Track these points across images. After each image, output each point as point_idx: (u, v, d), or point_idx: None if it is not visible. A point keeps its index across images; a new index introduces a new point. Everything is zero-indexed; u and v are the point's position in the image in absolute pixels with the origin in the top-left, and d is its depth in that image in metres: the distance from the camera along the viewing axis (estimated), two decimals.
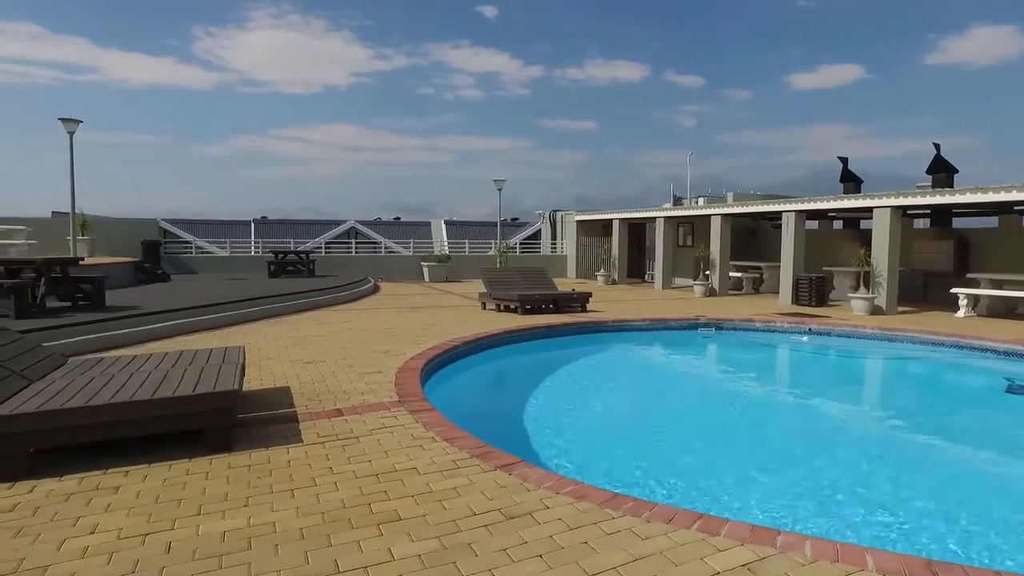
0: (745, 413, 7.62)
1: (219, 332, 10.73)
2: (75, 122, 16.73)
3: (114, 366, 5.33)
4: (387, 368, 7.41)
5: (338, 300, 16.44)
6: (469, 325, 11.56)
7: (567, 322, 11.58)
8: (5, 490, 3.85)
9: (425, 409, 5.47)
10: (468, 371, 8.76)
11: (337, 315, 13.49)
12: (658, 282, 23.11)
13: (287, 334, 10.47)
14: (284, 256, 22.02)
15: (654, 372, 10.39)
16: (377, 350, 8.73)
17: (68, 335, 8.78)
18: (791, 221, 18.09)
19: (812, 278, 17.33)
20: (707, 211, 21.44)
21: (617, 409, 7.79)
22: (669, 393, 8.82)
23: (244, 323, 12.10)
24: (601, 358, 10.73)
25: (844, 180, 22.12)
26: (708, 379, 9.92)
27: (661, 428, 6.85)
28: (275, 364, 7.72)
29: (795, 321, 12.49)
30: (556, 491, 3.82)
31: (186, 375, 4.83)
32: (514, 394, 7.78)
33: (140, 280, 17.99)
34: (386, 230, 35.70)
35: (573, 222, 28.55)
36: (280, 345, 9.28)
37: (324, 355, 8.36)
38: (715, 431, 6.77)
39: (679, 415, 7.52)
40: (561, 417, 7.12)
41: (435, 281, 24.90)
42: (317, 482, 3.97)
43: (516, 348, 10.33)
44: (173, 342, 9.51)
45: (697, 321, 12.38)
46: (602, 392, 8.67)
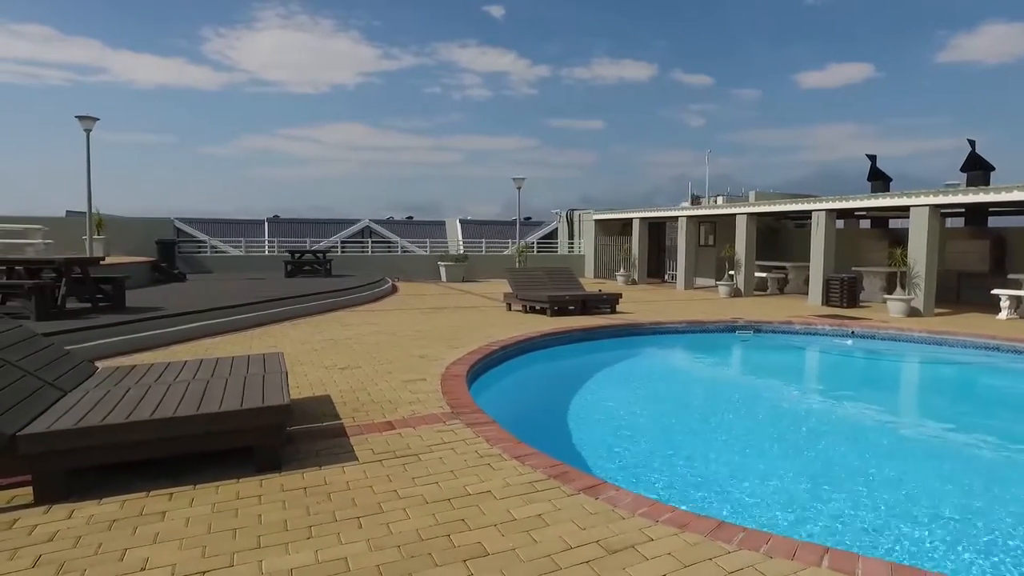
0: (809, 426, 7.15)
1: (243, 334, 10.37)
2: (92, 120, 16.44)
3: (148, 375, 4.95)
4: (429, 374, 7.01)
5: (358, 301, 16.08)
6: (501, 327, 11.16)
7: (603, 324, 11.17)
8: (41, 515, 3.48)
9: (483, 422, 5.07)
10: (512, 376, 8.35)
11: (360, 316, 13.11)
12: (680, 282, 22.65)
13: (314, 337, 10.09)
14: (301, 256, 21.69)
15: (701, 378, 9.92)
16: (413, 354, 8.34)
17: (91, 338, 8.44)
18: (821, 220, 17.60)
19: (843, 278, 16.85)
20: (732, 210, 20.97)
21: (673, 419, 7.32)
22: (722, 402, 8.33)
23: (267, 324, 11.74)
24: (644, 362, 10.30)
25: (872, 178, 21.60)
26: (761, 387, 9.39)
27: (724, 441, 6.41)
28: (309, 370, 7.34)
29: (836, 324, 12.03)
30: (654, 519, 3.41)
31: (229, 386, 4.44)
32: (564, 402, 7.36)
33: (157, 280, 17.68)
34: (400, 229, 35.33)
35: (591, 221, 28.11)
36: (309, 349, 8.91)
37: (358, 360, 7.97)
38: (782, 446, 6.34)
39: (739, 426, 7.06)
40: (619, 428, 6.68)
41: (452, 281, 24.52)
42: (384, 508, 3.56)
43: (555, 352, 9.92)
44: (198, 345, 9.15)
45: (735, 323, 11.94)
46: (654, 400, 8.21)
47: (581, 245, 29.19)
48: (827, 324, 11.94)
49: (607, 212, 27.58)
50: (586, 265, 28.39)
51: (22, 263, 10.14)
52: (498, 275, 26.47)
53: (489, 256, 27.93)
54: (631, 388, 8.65)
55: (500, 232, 35.07)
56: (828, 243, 17.60)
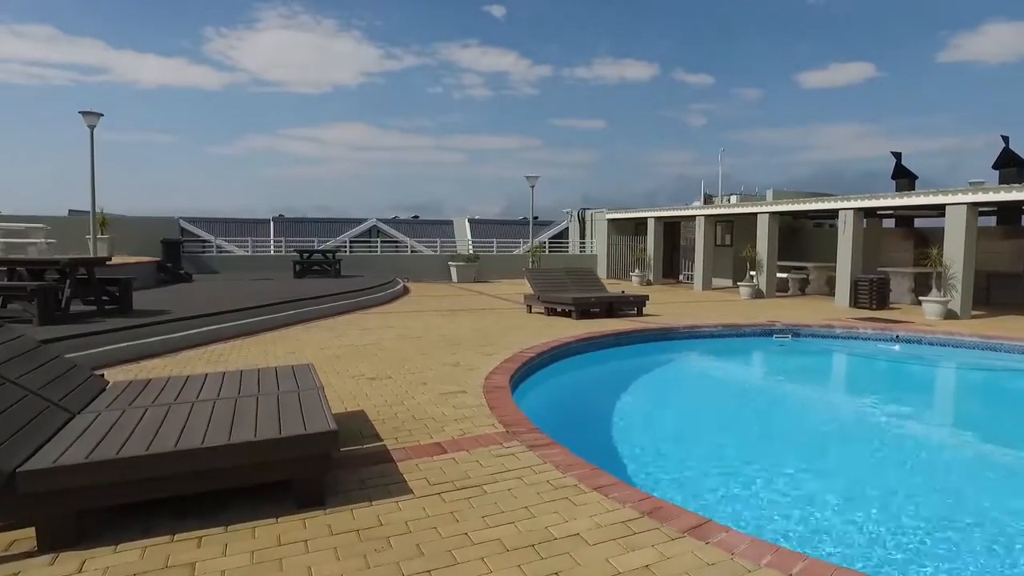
0: (882, 443, 6.53)
1: (257, 339, 9.79)
2: (96, 115, 15.87)
3: (166, 392, 4.36)
4: (469, 386, 6.42)
5: (372, 302, 15.50)
6: (529, 331, 10.58)
7: (636, 328, 10.57)
8: (47, 566, 2.90)
9: (545, 443, 4.47)
10: (554, 385, 7.73)
11: (377, 319, 12.53)
12: (698, 283, 22.05)
13: (333, 342, 9.51)
14: (309, 256, 21.12)
15: (752, 388, 9.23)
16: (444, 362, 7.74)
17: (97, 344, 7.86)
18: (849, 219, 17.00)
19: (872, 279, 16.25)
20: (753, 209, 20.37)
21: (736, 435, 6.56)
22: (784, 416, 7.57)
23: (280, 328, 11.17)
24: (687, 369, 9.65)
25: (897, 176, 21.01)
26: (822, 399, 8.63)
27: (804, 463, 5.76)
28: (335, 381, 6.75)
29: (879, 327, 11.42)
30: (785, 571, 2.83)
31: (261, 407, 3.85)
32: (615, 414, 6.75)
33: (163, 281, 17.11)
34: (408, 229, 34.71)
35: (604, 220, 27.51)
36: (330, 356, 8.32)
37: (387, 369, 7.38)
38: (861, 469, 5.73)
39: (812, 445, 6.41)
40: (682, 446, 6.03)
41: (463, 282, 23.94)
42: (457, 557, 2.97)
43: (592, 358, 9.30)
44: (211, 351, 8.57)
45: (772, 327, 11.34)
46: (710, 412, 7.52)
47: (593, 245, 28.59)
48: (869, 328, 11.34)
49: (620, 211, 26.99)
50: (599, 265, 27.80)
51: (24, 264, 9.56)
52: (509, 275, 25.91)
53: (500, 256, 27.34)
54: (682, 399, 8.00)
55: (509, 232, 34.46)
56: (856, 243, 17.00)
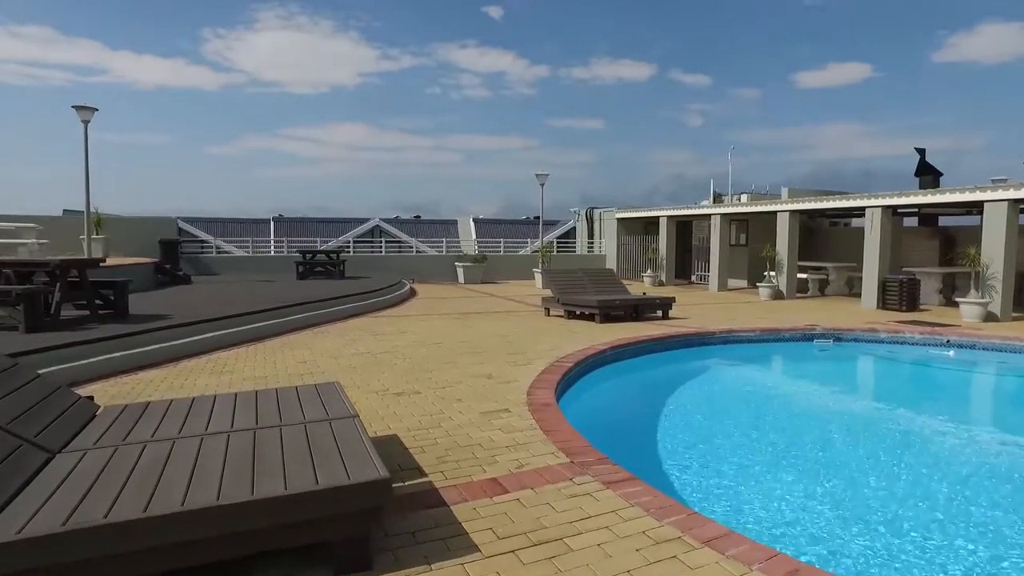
0: (967, 467, 5.79)
1: (263, 346, 9.05)
2: (90, 110, 15.13)
3: (168, 421, 3.61)
4: (511, 402, 5.68)
5: (380, 305, 14.76)
6: (557, 337, 9.85)
7: (670, 334, 9.82)
8: None
9: (622, 478, 3.73)
10: (600, 399, 6.98)
11: (389, 323, 11.79)
12: (713, 284, 21.34)
13: (346, 349, 8.77)
14: (313, 256, 20.36)
15: (813, 404, 8.14)
16: (475, 374, 7.00)
17: (88, 354, 7.11)
18: (877, 218, 16.29)
19: (902, 280, 15.55)
20: (773, 207, 19.66)
21: (827, 457, 5.74)
22: (868, 435, 6.68)
23: (287, 333, 10.43)
24: (736, 378, 8.86)
25: (921, 173, 20.34)
26: (888, 413, 7.66)
27: (914, 497, 5.01)
28: (356, 396, 6.01)
29: (927, 331, 10.70)
30: None
31: (287, 443, 3.10)
32: (679, 434, 5.93)
33: (160, 283, 16.34)
34: (411, 229, 33.93)
35: (613, 220, 26.78)
36: (346, 366, 7.58)
37: (412, 382, 6.63)
38: (949, 499, 5.00)
39: (892, 464, 5.67)
40: (766, 474, 5.21)
41: (470, 283, 23.20)
42: None
43: (630, 366, 8.53)
44: (214, 360, 7.83)
45: (812, 331, 10.61)
46: (782, 433, 6.56)
47: (602, 245, 27.86)
48: (916, 331, 10.62)
49: (630, 210, 26.28)
50: (607, 266, 27.07)
51: (10, 266, 8.81)
52: (517, 276, 25.19)
53: (507, 256, 26.59)
54: (741, 414, 7.07)
55: (514, 231, 33.72)
56: (884, 242, 16.30)
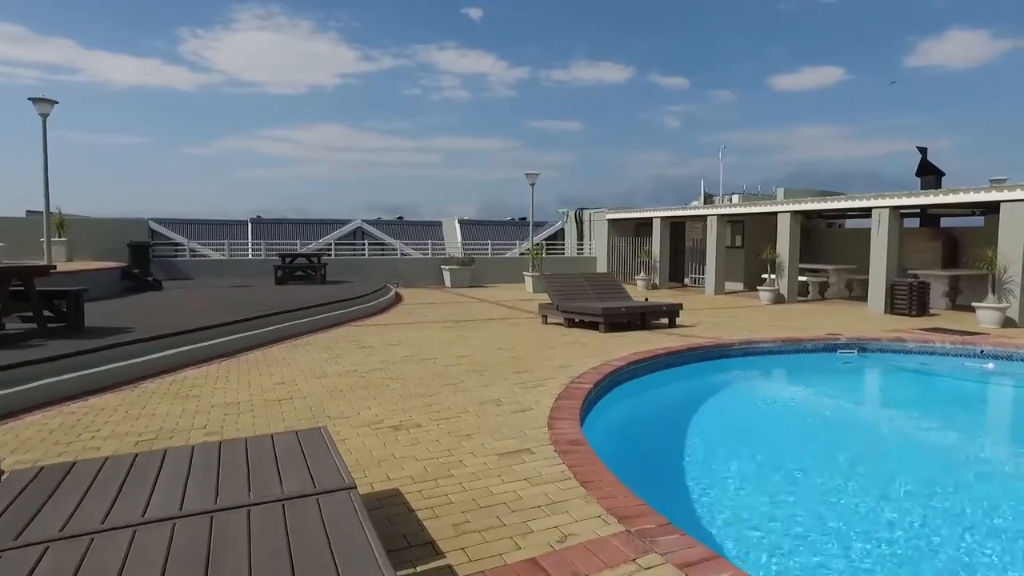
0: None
1: (237, 362, 8.10)
2: (49, 103, 14.01)
3: (92, 498, 2.64)
4: (531, 439, 4.78)
5: (365, 312, 13.82)
6: (562, 351, 9.00)
7: (687, 346, 8.98)
8: None
9: (702, 557, 2.84)
10: (627, 428, 6.09)
11: (375, 333, 10.87)
12: (710, 287, 20.63)
13: (330, 367, 7.85)
14: (293, 260, 19.33)
15: (861, 429, 7.17)
16: (481, 399, 6.10)
17: (28, 378, 6.13)
18: (884, 219, 15.64)
19: (912, 283, 14.90)
20: (772, 208, 18.97)
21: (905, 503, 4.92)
22: (912, 464, 5.97)
23: (263, 346, 9.48)
24: (771, 398, 8.06)
25: (922, 173, 19.78)
26: (942, 440, 6.80)
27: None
28: (345, 431, 5.09)
29: (956, 340, 9.97)
30: None
31: (256, 541, 2.18)
32: (731, 474, 5.08)
33: (128, 289, 15.23)
34: (395, 230, 32.87)
35: (604, 221, 26.01)
36: (331, 389, 6.66)
37: (409, 410, 5.72)
38: None
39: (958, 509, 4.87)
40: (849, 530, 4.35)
41: (458, 286, 22.29)
42: None
43: (649, 383, 7.60)
44: (178, 381, 6.86)
45: (835, 341, 9.84)
46: (846, 465, 5.68)
47: (592, 247, 27.05)
48: (947, 341, 9.88)
49: (622, 211, 25.53)
50: (598, 268, 26.31)
51: None
52: (506, 279, 24.32)
53: (495, 259, 25.68)
54: (794, 446, 6.16)
55: (501, 233, 32.81)
56: (892, 244, 15.66)
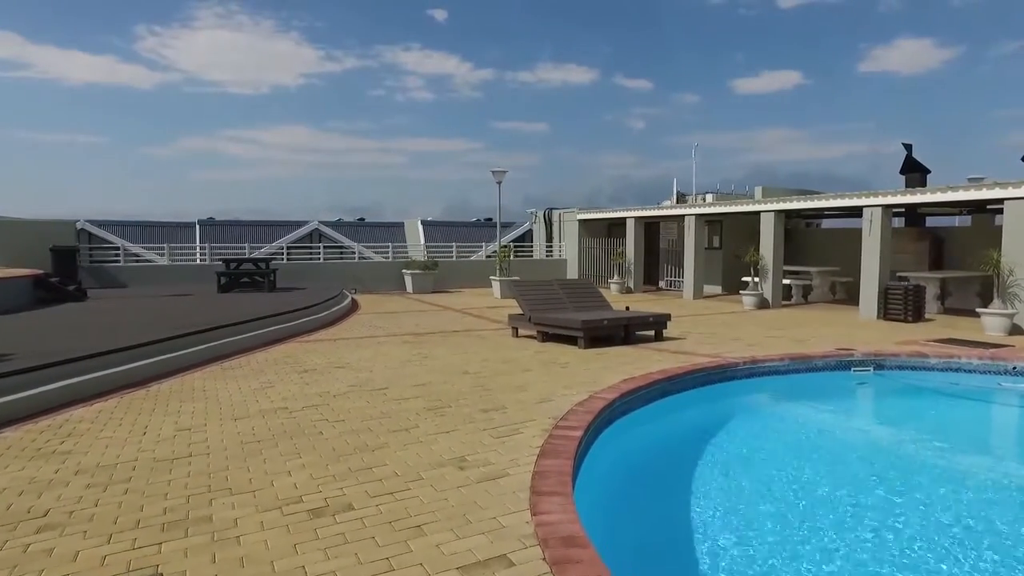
0: None
1: (145, 393, 6.55)
2: None
3: None
4: (509, 534, 3.32)
5: (314, 324, 12.29)
6: (538, 375, 7.64)
7: (686, 368, 7.64)
8: None
9: None
10: (634, 506, 4.58)
11: (322, 352, 9.37)
12: (688, 292, 19.52)
13: (254, 402, 6.35)
14: (238, 265, 17.58)
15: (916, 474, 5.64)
16: (439, 456, 4.65)
17: None
18: (877, 218, 14.65)
19: (907, 287, 13.93)
20: (755, 207, 17.89)
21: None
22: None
23: (184, 371, 7.93)
24: (804, 436, 6.66)
25: (907, 171, 18.89)
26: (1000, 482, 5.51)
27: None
28: (246, 521, 3.60)
29: (983, 355, 8.83)
30: None
31: None
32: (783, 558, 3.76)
33: (41, 301, 13.39)
34: (354, 232, 31.21)
35: (575, 222, 24.77)
36: (247, 436, 5.18)
37: (343, 479, 4.23)
38: None
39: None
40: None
41: (420, 292, 20.82)
42: None
43: (646, 416, 6.17)
44: (57, 424, 5.29)
45: (849, 358, 8.65)
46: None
47: (562, 248, 25.79)
48: (972, 355, 8.75)
49: (593, 211, 24.34)
50: (569, 271, 25.09)
51: None
52: (472, 283, 22.92)
53: (460, 262, 24.24)
54: (827, 502, 4.90)
55: (466, 235, 31.39)
56: (885, 245, 14.67)
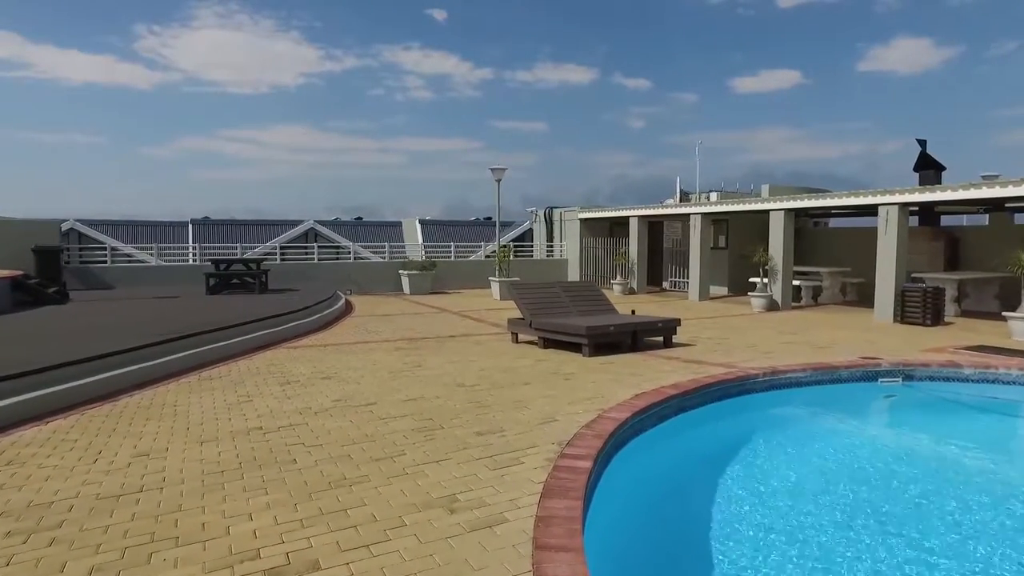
0: None
1: (111, 409, 5.93)
2: None
3: None
4: None
5: (305, 328, 11.68)
6: (540, 389, 7.02)
7: (702, 382, 6.98)
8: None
9: None
10: (655, 549, 4.04)
11: (309, 360, 8.75)
12: (694, 293, 18.89)
13: (229, 422, 5.74)
14: (227, 266, 16.97)
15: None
16: (426, 495, 4.03)
17: None
18: (893, 217, 14.01)
19: (926, 289, 13.31)
20: (764, 205, 17.26)
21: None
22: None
23: (158, 382, 7.32)
24: (839, 465, 5.76)
25: (921, 167, 18.26)
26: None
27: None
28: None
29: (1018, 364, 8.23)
30: None
31: None
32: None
33: (19, 303, 12.78)
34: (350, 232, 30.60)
35: (576, 221, 24.14)
36: (212, 469, 4.57)
37: (312, 523, 3.61)
38: None
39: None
40: None
41: (418, 293, 20.20)
42: None
43: (661, 436, 5.51)
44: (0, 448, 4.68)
45: (876, 368, 8.03)
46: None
47: (563, 248, 25.16)
48: (1012, 366, 8.11)
49: (595, 210, 23.73)
50: (570, 271, 24.48)
51: None
52: (471, 284, 22.31)
53: (459, 262, 23.61)
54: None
55: (465, 234, 30.81)
56: (901, 245, 14.03)
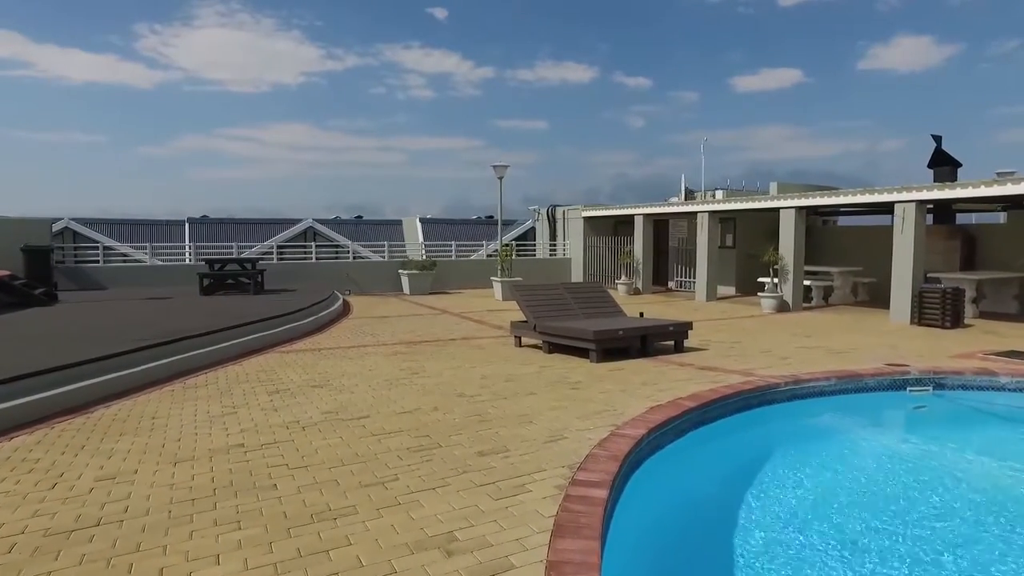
0: None
1: (85, 422, 5.46)
2: None
3: None
4: None
5: (299, 332, 11.22)
6: (546, 400, 6.55)
7: (721, 392, 6.50)
8: None
9: None
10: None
11: (302, 366, 8.28)
12: (701, 293, 18.41)
13: (208, 438, 5.26)
14: (222, 266, 16.49)
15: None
16: (418, 532, 3.54)
17: None
18: (910, 215, 13.52)
19: (945, 290, 12.82)
20: (773, 203, 16.76)
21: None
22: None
23: (139, 390, 6.85)
24: (877, 487, 5.15)
25: (936, 164, 17.75)
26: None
27: None
28: None
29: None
30: None
31: None
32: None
33: (3, 305, 12.31)
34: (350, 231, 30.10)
35: (579, 219, 23.67)
36: (182, 497, 4.09)
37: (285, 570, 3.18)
38: None
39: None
40: None
41: (417, 293, 19.73)
42: None
43: (677, 453, 4.96)
44: None
45: (904, 376, 7.54)
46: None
47: (566, 247, 24.69)
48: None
49: (599, 208, 23.27)
50: (573, 271, 24.01)
51: None
52: (472, 284, 21.85)
53: (460, 262, 23.14)
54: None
55: (466, 233, 30.33)
56: (918, 244, 13.55)
